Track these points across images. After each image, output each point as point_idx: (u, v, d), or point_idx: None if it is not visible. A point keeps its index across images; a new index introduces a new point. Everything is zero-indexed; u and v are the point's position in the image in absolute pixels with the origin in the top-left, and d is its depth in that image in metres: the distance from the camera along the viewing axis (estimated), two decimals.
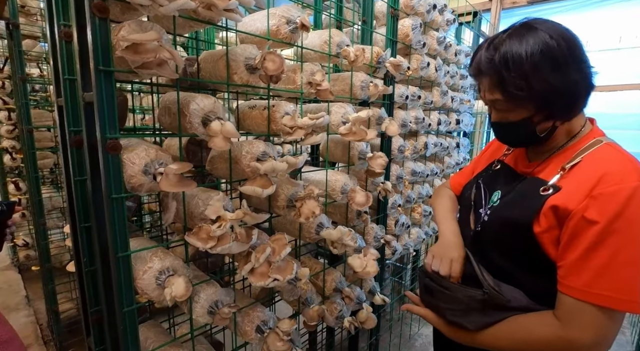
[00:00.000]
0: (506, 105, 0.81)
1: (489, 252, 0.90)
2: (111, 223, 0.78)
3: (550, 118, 0.80)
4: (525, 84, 0.74)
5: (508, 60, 0.74)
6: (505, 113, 0.83)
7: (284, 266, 0.98)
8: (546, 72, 0.72)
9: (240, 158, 0.98)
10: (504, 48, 0.76)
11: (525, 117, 0.80)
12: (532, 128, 0.81)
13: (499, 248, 0.88)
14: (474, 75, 0.85)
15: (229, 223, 0.85)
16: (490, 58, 0.77)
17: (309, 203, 1.05)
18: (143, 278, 0.81)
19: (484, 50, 0.80)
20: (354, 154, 1.44)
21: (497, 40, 0.78)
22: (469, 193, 1.02)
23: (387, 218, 1.77)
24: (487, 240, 0.90)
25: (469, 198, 1.00)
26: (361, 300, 1.54)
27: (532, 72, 0.73)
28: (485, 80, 0.81)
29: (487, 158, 1.09)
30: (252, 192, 0.87)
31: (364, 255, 1.43)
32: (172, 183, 0.74)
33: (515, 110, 0.80)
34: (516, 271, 0.85)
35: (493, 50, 0.77)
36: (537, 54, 0.72)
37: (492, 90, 0.80)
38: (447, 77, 2.07)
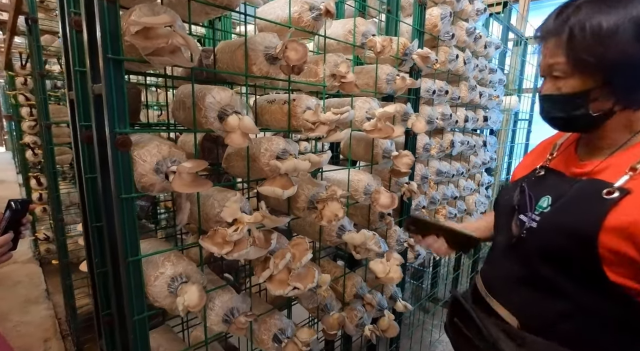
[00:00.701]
0: (566, 71, 0.71)
1: (534, 261, 0.80)
2: (121, 225, 0.72)
3: (612, 96, 0.69)
4: (598, 48, 0.65)
5: (585, 20, 0.66)
6: (561, 81, 0.72)
7: (305, 274, 0.90)
8: (628, 40, 0.63)
9: (258, 156, 0.91)
10: (585, 9, 0.67)
11: (582, 89, 0.70)
12: (586, 105, 0.71)
13: (548, 258, 0.77)
14: (541, 37, 0.75)
15: (246, 227, 0.78)
16: (566, 18, 0.69)
17: (332, 205, 0.97)
18: (154, 284, 0.75)
19: (557, 13, 0.72)
20: (378, 152, 1.35)
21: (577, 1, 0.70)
22: (510, 198, 0.92)
23: None
24: (533, 249, 0.80)
25: (510, 203, 0.90)
26: (382, 306, 1.46)
27: (610, 36, 0.63)
28: (551, 41, 0.72)
29: (529, 165, 0.97)
30: (272, 193, 0.80)
31: (387, 260, 1.34)
32: (186, 183, 0.67)
33: (574, 79, 0.70)
34: (567, 286, 0.75)
35: (571, 10, 0.69)
36: (624, 18, 0.63)
37: (556, 52, 0.71)
38: (475, 70, 1.94)
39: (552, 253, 0.76)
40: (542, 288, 0.78)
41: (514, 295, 0.85)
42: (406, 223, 1.07)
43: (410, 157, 1.32)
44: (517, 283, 0.84)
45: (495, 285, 0.91)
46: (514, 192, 0.90)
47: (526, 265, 0.81)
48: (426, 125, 1.42)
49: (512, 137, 3.45)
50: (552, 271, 0.77)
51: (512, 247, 0.86)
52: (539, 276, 0.78)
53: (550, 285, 0.77)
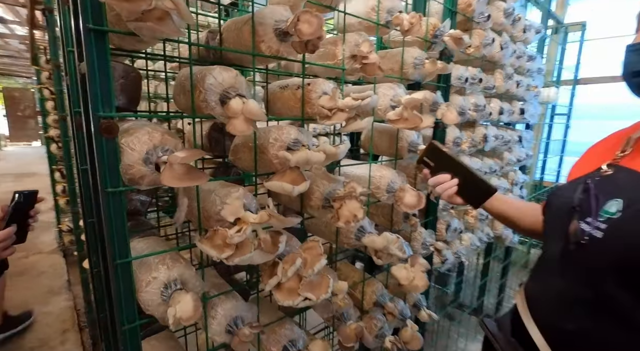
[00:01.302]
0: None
1: (598, 276, 0.65)
2: (108, 222, 0.63)
3: None
4: None
5: None
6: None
7: (318, 282, 0.79)
8: None
9: (267, 146, 0.80)
10: None
11: None
12: None
13: (620, 276, 0.62)
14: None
15: (250, 228, 0.67)
16: None
17: (350, 204, 0.85)
18: (146, 290, 0.66)
19: None
20: (403, 146, 1.21)
21: None
22: (568, 198, 0.76)
23: (437, 221, 1.53)
24: (600, 261, 0.65)
25: (568, 203, 0.74)
26: (405, 316, 1.32)
27: None
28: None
29: (592, 162, 0.80)
30: (280, 188, 0.69)
31: (411, 265, 1.21)
32: (177, 176, 0.57)
33: None
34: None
35: None
36: None
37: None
38: (513, 57, 1.75)
39: (627, 271, 0.61)
40: (608, 311, 0.63)
41: (568, 322, 0.69)
42: (423, 151, 0.94)
43: None
44: (573, 307, 0.69)
45: (542, 308, 0.76)
46: (573, 191, 0.74)
47: (589, 284, 0.66)
48: (458, 116, 1.27)
49: (548, 133, 3.19)
50: (624, 293, 0.62)
51: (569, 259, 0.71)
52: (605, 295, 0.63)
53: (621, 310, 0.62)
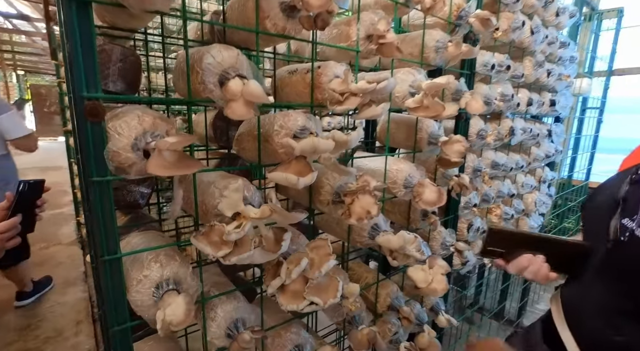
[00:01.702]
0: None
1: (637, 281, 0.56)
2: (94, 215, 0.58)
3: None
4: None
5: None
6: None
7: (326, 285, 0.71)
8: None
9: (271, 135, 0.73)
10: None
11: None
12: None
13: None
14: None
15: (250, 223, 0.60)
16: None
17: (363, 199, 0.77)
18: (136, 289, 0.60)
19: None
20: (423, 137, 1.12)
21: None
22: (612, 192, 0.66)
23: (458, 220, 1.42)
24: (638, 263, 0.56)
25: (611, 198, 0.65)
26: (422, 320, 1.24)
27: None
28: None
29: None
30: (284, 180, 0.62)
31: (430, 267, 1.12)
32: (165, 164, 0.50)
33: None
34: None
35: None
36: None
37: None
38: (544, 43, 1.61)
39: None
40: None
41: (606, 333, 0.60)
42: (485, 241, 0.77)
43: (463, 143, 1.07)
44: (614, 317, 0.60)
45: (579, 315, 0.67)
46: (620, 182, 0.64)
47: (629, 291, 0.57)
48: (483, 105, 1.16)
49: (578, 128, 2.99)
50: None
51: (608, 261, 0.62)
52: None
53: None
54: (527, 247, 0.73)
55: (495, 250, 0.76)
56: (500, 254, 0.76)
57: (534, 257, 0.72)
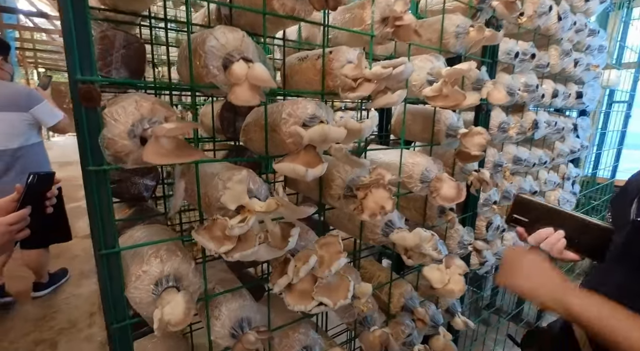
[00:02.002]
0: None
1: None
2: (92, 207, 0.55)
3: None
4: None
5: None
6: None
7: (336, 285, 0.67)
8: None
9: (279, 124, 0.68)
10: None
11: None
12: None
13: None
14: None
15: (254, 217, 0.56)
16: None
17: (377, 193, 0.71)
18: (135, 286, 0.57)
19: None
20: (440, 129, 1.05)
21: None
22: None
23: (476, 218, 1.35)
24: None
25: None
26: (437, 322, 1.18)
27: None
28: None
29: None
30: (292, 171, 0.57)
31: (447, 267, 1.06)
32: (163, 151, 0.47)
33: None
34: None
35: None
36: None
37: None
38: (572, 30, 1.51)
39: None
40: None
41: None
42: (511, 209, 0.78)
43: (485, 136, 1.01)
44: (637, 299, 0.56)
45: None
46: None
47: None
48: (507, 95, 1.09)
49: (604, 122, 2.84)
50: None
51: (630, 244, 0.61)
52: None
53: None
54: (551, 222, 0.72)
55: (520, 219, 0.76)
56: (524, 224, 0.76)
57: (553, 230, 0.71)
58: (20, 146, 1.94)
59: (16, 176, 1.90)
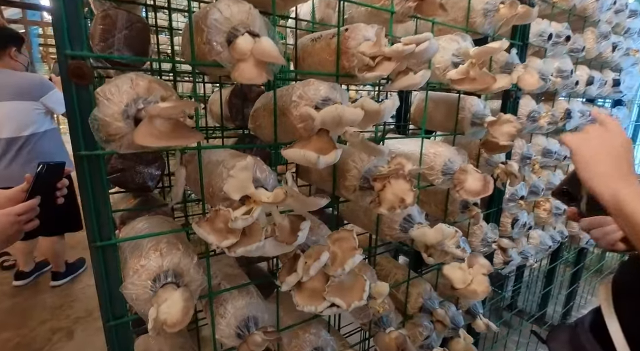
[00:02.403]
0: None
1: None
2: (85, 195, 0.50)
3: None
4: None
5: None
6: None
7: (350, 284, 0.61)
8: None
9: (289, 107, 0.62)
10: None
11: None
12: None
13: None
14: None
15: (260, 209, 0.51)
16: None
17: (396, 185, 0.65)
18: (132, 281, 0.53)
19: None
20: (465, 117, 0.97)
21: None
22: None
23: (501, 214, 1.26)
24: None
25: None
26: (457, 324, 1.11)
27: None
28: None
29: None
30: (302, 158, 0.51)
31: (469, 266, 0.98)
32: (156, 133, 0.41)
33: None
34: None
35: None
36: None
37: None
38: (611, 11, 1.39)
39: None
40: None
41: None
42: (564, 182, 0.67)
43: (515, 124, 0.92)
44: None
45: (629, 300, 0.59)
46: None
47: None
48: (539, 80, 0.99)
49: (638, 114, 2.65)
50: None
51: None
52: None
53: None
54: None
55: (570, 194, 0.65)
56: (573, 200, 0.65)
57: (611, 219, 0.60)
58: (33, 133, 1.97)
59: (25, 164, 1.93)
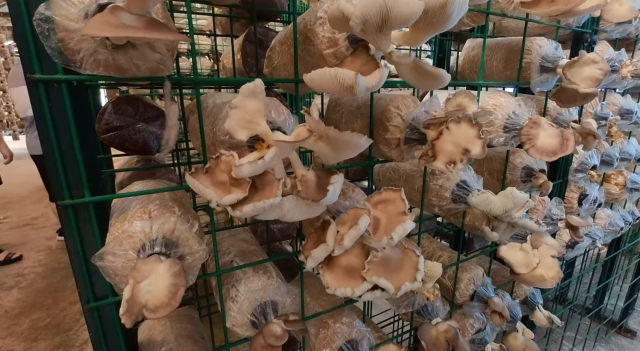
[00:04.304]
0: None
1: None
2: (46, 138, 0.38)
3: None
4: None
5: None
6: None
7: (398, 260, 0.45)
8: None
9: (313, 27, 0.47)
10: None
11: None
12: None
13: None
14: None
15: (274, 150, 0.36)
16: None
17: (458, 130, 0.48)
18: (112, 251, 0.40)
19: None
20: (532, 62, 0.78)
21: None
22: None
23: (567, 187, 1.06)
24: None
25: None
26: (515, 316, 0.93)
27: None
28: None
29: None
30: (332, 80, 0.36)
31: (534, 246, 0.80)
32: (114, 23, 0.27)
33: None
34: None
35: None
36: None
37: None
38: None
39: None
40: None
41: None
42: None
43: (601, 65, 0.71)
44: None
45: None
46: None
47: None
48: (632, 10, 0.77)
49: None
50: None
51: None
52: None
53: None
54: None
55: None
56: None
57: None
58: None
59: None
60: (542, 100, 0.87)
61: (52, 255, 2.72)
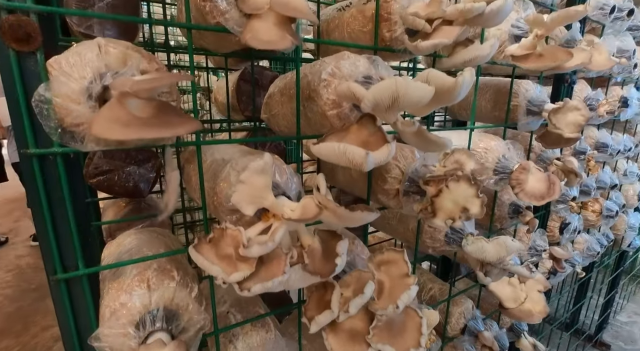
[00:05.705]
0: None
1: None
2: (36, 210, 0.36)
3: None
4: None
5: None
6: None
7: (400, 323, 0.46)
8: None
9: (317, 88, 0.47)
10: None
11: None
12: None
13: None
14: None
15: (283, 228, 0.36)
16: None
17: (457, 189, 0.49)
18: (109, 324, 0.38)
19: None
20: (519, 105, 0.81)
21: None
22: None
23: (549, 217, 1.10)
24: None
25: None
26: (503, 346, 0.95)
27: None
28: None
29: None
30: (340, 155, 0.36)
31: (521, 281, 0.83)
32: (125, 120, 0.27)
33: None
34: None
35: None
36: None
37: None
38: None
39: None
40: None
41: None
42: None
43: (583, 112, 0.75)
44: None
45: None
46: None
47: None
48: (610, 60, 0.82)
49: None
50: None
51: None
52: None
53: None
54: None
55: None
56: None
57: None
58: None
59: None
60: (527, 136, 0.91)
61: (21, 275, 2.57)
